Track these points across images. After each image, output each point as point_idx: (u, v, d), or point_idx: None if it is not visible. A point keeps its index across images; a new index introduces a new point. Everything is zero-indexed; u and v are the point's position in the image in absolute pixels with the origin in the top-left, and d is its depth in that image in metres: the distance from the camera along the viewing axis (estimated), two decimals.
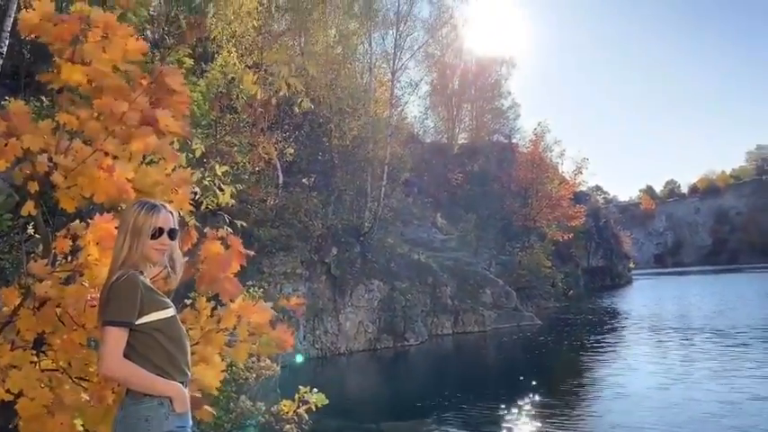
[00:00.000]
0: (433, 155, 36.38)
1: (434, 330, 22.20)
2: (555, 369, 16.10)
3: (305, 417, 6.25)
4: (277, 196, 19.86)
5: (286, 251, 18.08)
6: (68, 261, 2.92)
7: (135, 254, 2.22)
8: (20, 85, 10.82)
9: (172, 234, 2.32)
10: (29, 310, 2.67)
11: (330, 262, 19.55)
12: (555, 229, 36.81)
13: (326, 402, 5.75)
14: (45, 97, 7.50)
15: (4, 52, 5.73)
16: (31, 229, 4.05)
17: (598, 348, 18.20)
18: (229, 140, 16.49)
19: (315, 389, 6.00)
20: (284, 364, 10.26)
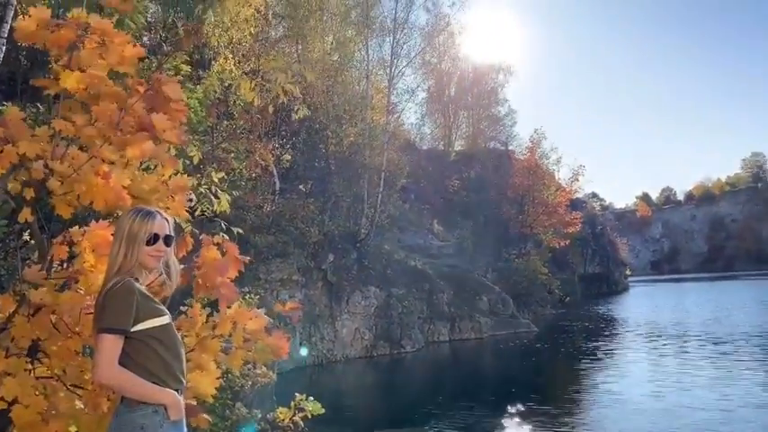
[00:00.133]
0: (430, 162, 36.45)
1: (431, 337, 22.15)
2: (551, 376, 16.11)
3: (301, 424, 6.24)
4: (274, 203, 19.84)
5: (282, 258, 18.05)
6: (64, 268, 2.91)
7: (131, 261, 2.22)
8: (16, 91, 10.81)
9: (167, 240, 2.32)
10: (24, 316, 2.66)
11: (327, 268, 19.52)
12: (551, 235, 36.90)
13: (322, 412, 5.75)
14: (41, 103, 7.48)
15: (0, 58, 5.73)
16: (26, 236, 4.04)
17: (594, 355, 18.20)
18: (226, 147, 16.51)
19: (310, 396, 6.00)
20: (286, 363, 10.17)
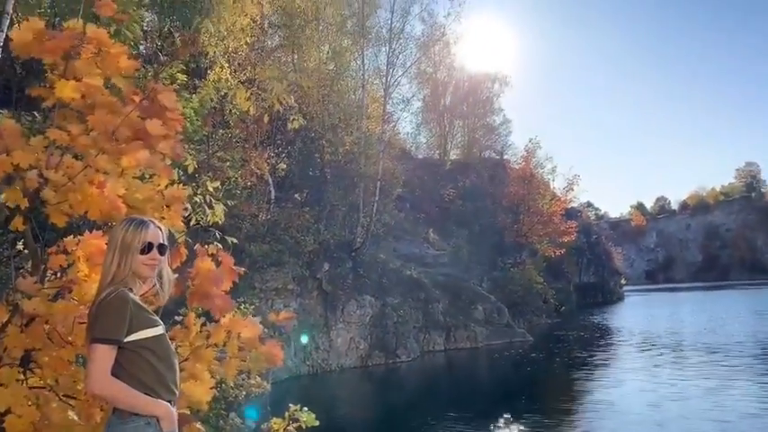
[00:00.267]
0: (426, 171, 36.51)
1: (426, 347, 22.10)
2: (546, 386, 16.08)
3: None
4: (269, 212, 19.83)
5: (277, 267, 18.00)
6: (58, 277, 2.90)
7: (124, 270, 2.22)
8: (11, 100, 10.79)
9: (161, 249, 2.32)
10: (17, 326, 2.65)
11: (322, 278, 19.47)
12: (546, 245, 36.95)
13: (317, 424, 5.71)
14: (37, 112, 7.48)
15: None
16: (20, 245, 4.02)
17: (589, 365, 18.20)
18: (221, 156, 16.52)
19: (305, 407, 5.96)
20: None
